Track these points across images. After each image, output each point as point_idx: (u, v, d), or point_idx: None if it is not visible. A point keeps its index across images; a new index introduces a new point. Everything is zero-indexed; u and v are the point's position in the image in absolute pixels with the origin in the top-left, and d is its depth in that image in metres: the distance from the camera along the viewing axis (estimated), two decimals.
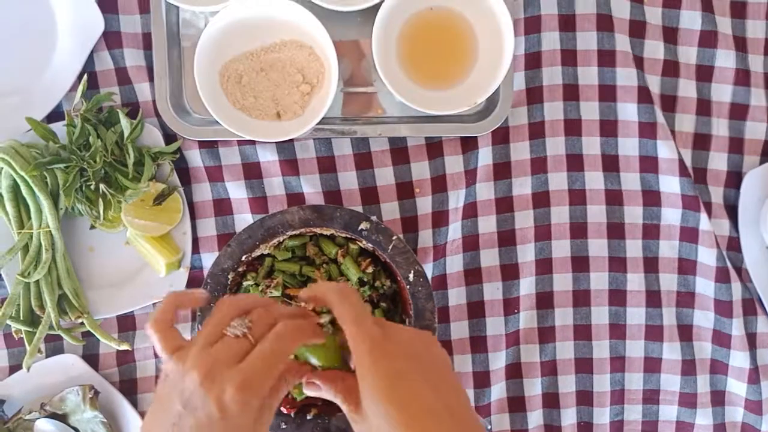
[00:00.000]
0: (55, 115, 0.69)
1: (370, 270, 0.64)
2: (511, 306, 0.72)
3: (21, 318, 0.67)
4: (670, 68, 0.71)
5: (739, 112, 0.72)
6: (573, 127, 0.71)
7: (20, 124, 0.66)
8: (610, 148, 0.71)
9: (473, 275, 0.72)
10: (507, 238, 0.72)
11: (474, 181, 0.71)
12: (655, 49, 0.71)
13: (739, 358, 0.71)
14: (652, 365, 0.73)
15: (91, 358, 0.71)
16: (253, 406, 0.39)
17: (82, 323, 0.68)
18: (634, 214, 0.72)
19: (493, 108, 0.69)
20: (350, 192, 0.71)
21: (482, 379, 0.72)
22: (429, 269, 0.71)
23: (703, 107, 0.72)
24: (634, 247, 0.72)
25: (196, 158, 0.70)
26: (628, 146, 0.71)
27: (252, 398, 0.38)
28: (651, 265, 0.72)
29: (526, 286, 0.72)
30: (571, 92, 0.71)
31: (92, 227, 0.70)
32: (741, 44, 0.71)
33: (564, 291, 0.72)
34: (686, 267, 0.72)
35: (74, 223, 0.70)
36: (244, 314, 0.42)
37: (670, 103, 0.72)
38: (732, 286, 0.71)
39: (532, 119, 0.71)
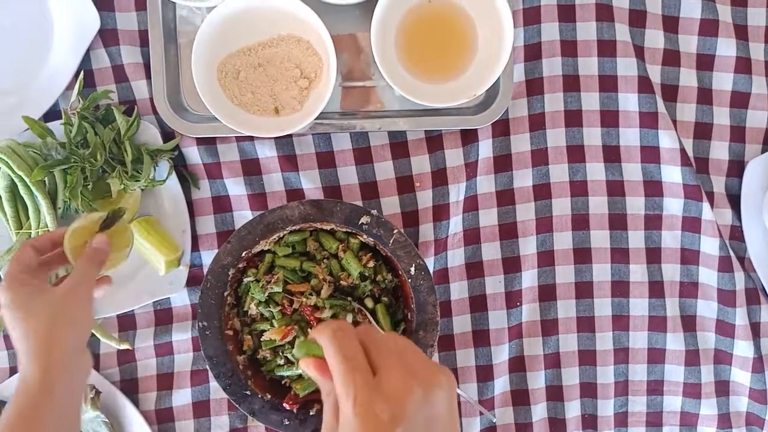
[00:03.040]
0: (52, 114, 0.69)
1: (371, 264, 0.63)
2: (513, 299, 0.72)
3: None
4: (671, 57, 0.71)
5: (740, 100, 0.71)
6: (573, 118, 0.71)
7: (17, 123, 0.66)
8: (611, 138, 0.71)
9: (475, 269, 0.71)
10: (508, 231, 0.71)
11: (474, 174, 0.71)
12: (655, 38, 0.71)
13: (742, 348, 0.71)
14: (656, 356, 0.73)
15: (92, 357, 0.71)
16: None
17: None
18: (636, 204, 0.71)
19: (493, 100, 0.68)
20: (350, 187, 0.71)
21: (486, 373, 0.72)
22: (430, 263, 0.71)
23: (704, 96, 0.71)
24: (636, 238, 0.72)
25: (194, 155, 0.70)
26: (629, 137, 0.71)
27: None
28: (653, 255, 0.72)
29: (529, 278, 0.71)
30: (572, 83, 0.70)
31: None
32: (742, 32, 0.71)
33: (566, 283, 0.72)
34: (689, 257, 0.72)
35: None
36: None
37: (671, 92, 0.71)
38: (735, 276, 0.70)
39: (533, 111, 0.70)
